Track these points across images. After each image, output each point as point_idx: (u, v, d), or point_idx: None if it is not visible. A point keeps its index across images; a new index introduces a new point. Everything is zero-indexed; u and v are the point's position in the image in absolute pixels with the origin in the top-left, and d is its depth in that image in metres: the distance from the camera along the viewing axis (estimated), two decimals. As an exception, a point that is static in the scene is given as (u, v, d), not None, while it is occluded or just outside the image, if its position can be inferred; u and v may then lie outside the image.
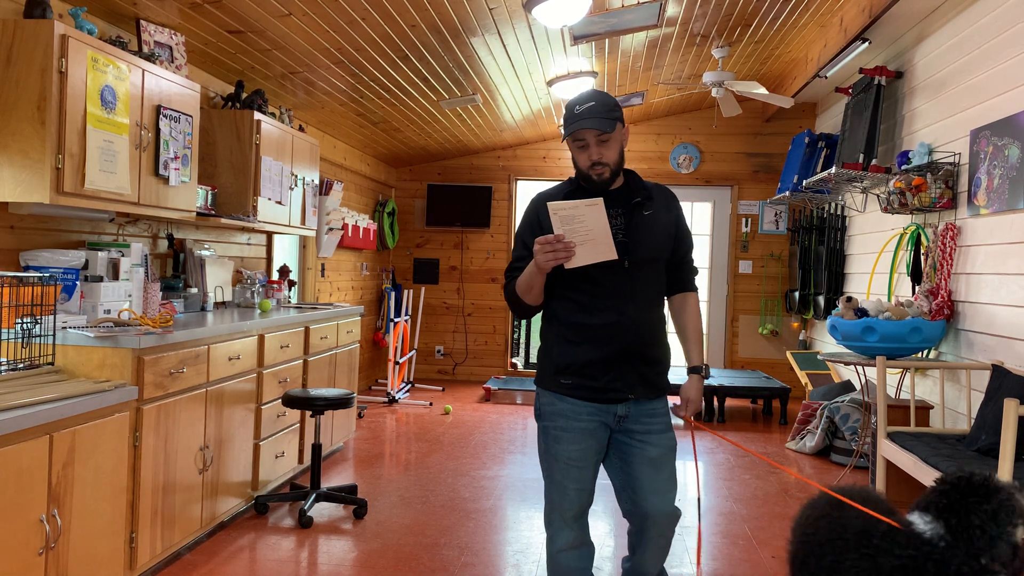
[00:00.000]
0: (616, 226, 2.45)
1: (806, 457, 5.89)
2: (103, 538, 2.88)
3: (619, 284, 2.44)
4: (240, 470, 4.06)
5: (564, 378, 2.48)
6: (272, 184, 4.99)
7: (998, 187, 4.48)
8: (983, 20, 4.79)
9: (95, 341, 3.06)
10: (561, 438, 2.48)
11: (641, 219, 2.49)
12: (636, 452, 2.50)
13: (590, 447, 2.49)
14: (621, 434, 2.52)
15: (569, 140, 2.46)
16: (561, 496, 2.50)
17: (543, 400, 2.54)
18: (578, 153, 2.45)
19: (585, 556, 2.56)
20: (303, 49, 4.70)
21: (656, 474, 2.49)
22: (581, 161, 2.46)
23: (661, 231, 2.52)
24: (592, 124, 2.37)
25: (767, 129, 8.77)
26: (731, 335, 8.86)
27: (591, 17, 5.03)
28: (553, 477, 2.51)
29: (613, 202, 2.49)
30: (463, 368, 9.24)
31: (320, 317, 5.09)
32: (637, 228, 2.47)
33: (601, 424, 2.49)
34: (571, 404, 2.48)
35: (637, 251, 2.46)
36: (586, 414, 2.47)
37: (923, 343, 4.78)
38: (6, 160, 3.05)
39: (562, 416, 2.49)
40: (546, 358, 2.54)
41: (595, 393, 2.47)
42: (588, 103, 2.41)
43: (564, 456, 2.48)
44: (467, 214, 9.06)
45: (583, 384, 2.47)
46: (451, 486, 4.85)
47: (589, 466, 2.50)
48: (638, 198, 2.50)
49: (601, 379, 2.46)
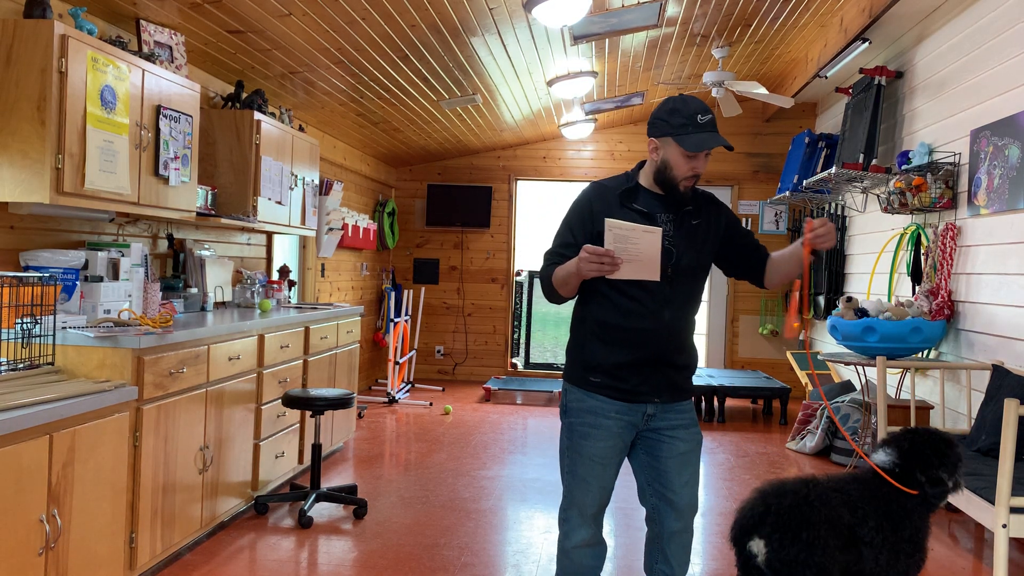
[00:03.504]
0: (664, 232, 2.44)
1: (806, 457, 5.89)
2: (103, 538, 2.88)
3: (658, 290, 2.44)
4: (240, 470, 4.06)
5: (593, 376, 2.50)
6: (272, 184, 4.99)
7: (998, 187, 4.48)
8: (983, 20, 4.79)
9: (95, 341, 3.06)
10: (589, 435, 2.49)
11: (690, 228, 2.49)
12: (665, 447, 2.52)
13: (615, 446, 2.50)
14: (649, 431, 2.54)
15: (677, 145, 2.39)
16: (583, 493, 2.51)
17: (571, 396, 2.55)
18: (682, 160, 2.40)
19: (599, 555, 2.58)
20: (303, 49, 4.70)
21: (684, 467, 2.52)
22: (682, 169, 2.41)
23: (707, 241, 2.52)
24: (722, 142, 2.35)
25: (767, 129, 8.77)
26: (731, 335, 8.86)
27: (591, 17, 5.03)
28: (576, 473, 2.51)
29: (667, 208, 2.48)
30: (463, 368, 9.24)
31: (320, 317, 5.09)
32: (684, 237, 2.47)
33: (628, 424, 2.51)
34: (600, 402, 2.49)
35: (681, 260, 2.46)
36: (614, 412, 2.49)
37: (923, 343, 4.78)
38: (6, 160, 3.05)
39: (590, 413, 2.50)
40: (577, 354, 2.55)
41: (623, 394, 2.48)
42: (709, 114, 2.38)
43: (589, 453, 2.49)
44: (467, 214, 9.06)
45: (611, 384, 2.48)
46: (451, 486, 4.85)
47: (612, 464, 2.52)
48: (689, 207, 2.49)
49: (630, 381, 2.47)
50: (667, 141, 2.42)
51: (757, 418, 7.48)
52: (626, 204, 2.46)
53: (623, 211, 2.45)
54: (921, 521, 2.47)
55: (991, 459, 3.66)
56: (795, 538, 2.29)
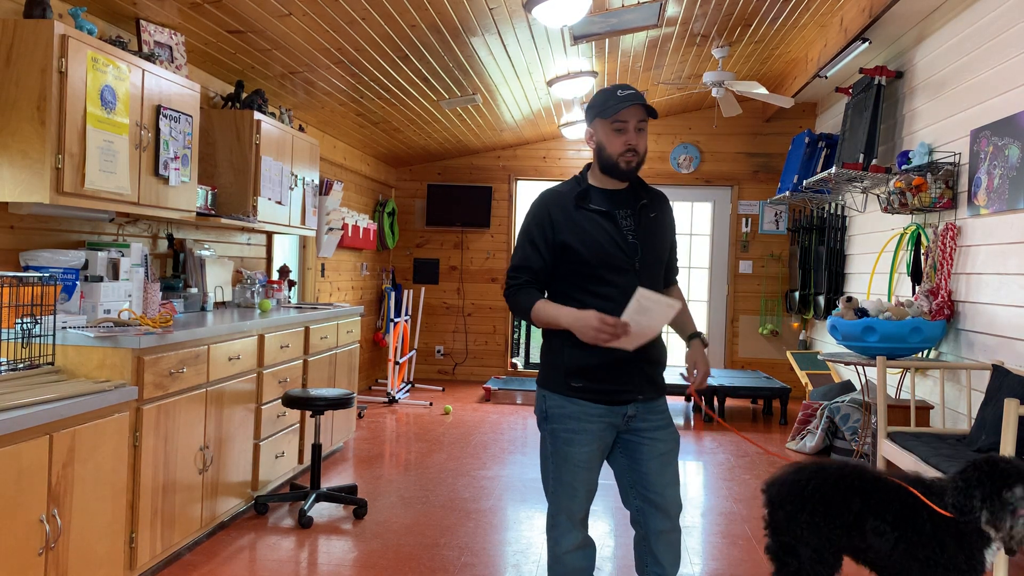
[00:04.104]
0: (626, 227, 2.46)
1: (806, 457, 5.89)
2: (103, 538, 2.88)
3: (629, 286, 2.43)
4: (240, 470, 4.06)
5: (575, 381, 2.47)
6: (272, 184, 4.99)
7: (998, 187, 4.48)
8: (983, 20, 4.79)
9: (95, 341, 3.06)
10: (573, 440, 2.47)
11: (648, 221, 2.51)
12: (646, 449, 2.51)
13: (599, 448, 2.50)
14: (628, 433, 2.53)
15: (604, 124, 2.43)
16: (571, 498, 2.50)
17: (551, 402, 2.52)
18: (613, 137, 2.42)
19: (590, 556, 2.58)
20: (303, 49, 4.70)
21: (666, 468, 2.52)
22: (615, 146, 2.42)
23: (664, 234, 2.56)
24: (639, 103, 2.37)
25: (767, 129, 8.77)
26: (731, 335, 8.86)
27: (591, 17, 5.03)
28: (562, 479, 2.50)
29: (622, 203, 2.50)
30: (463, 368, 9.24)
31: (320, 317, 5.09)
32: (645, 230, 2.49)
33: (609, 425, 2.50)
34: (581, 406, 2.48)
35: (647, 253, 2.48)
36: (597, 416, 2.48)
37: (923, 343, 4.78)
38: (6, 160, 3.05)
39: (573, 418, 2.48)
40: (554, 360, 2.52)
41: (606, 396, 2.47)
42: (629, 90, 2.41)
43: (575, 458, 2.48)
44: (467, 214, 9.06)
45: (594, 387, 2.47)
46: (451, 486, 4.85)
47: (597, 467, 2.52)
48: (644, 200, 2.51)
49: (610, 382, 2.46)
50: (596, 123, 2.46)
51: (757, 418, 7.48)
52: (582, 206, 2.46)
53: (579, 213, 2.45)
54: (957, 545, 2.37)
55: (991, 459, 3.66)
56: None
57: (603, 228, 2.44)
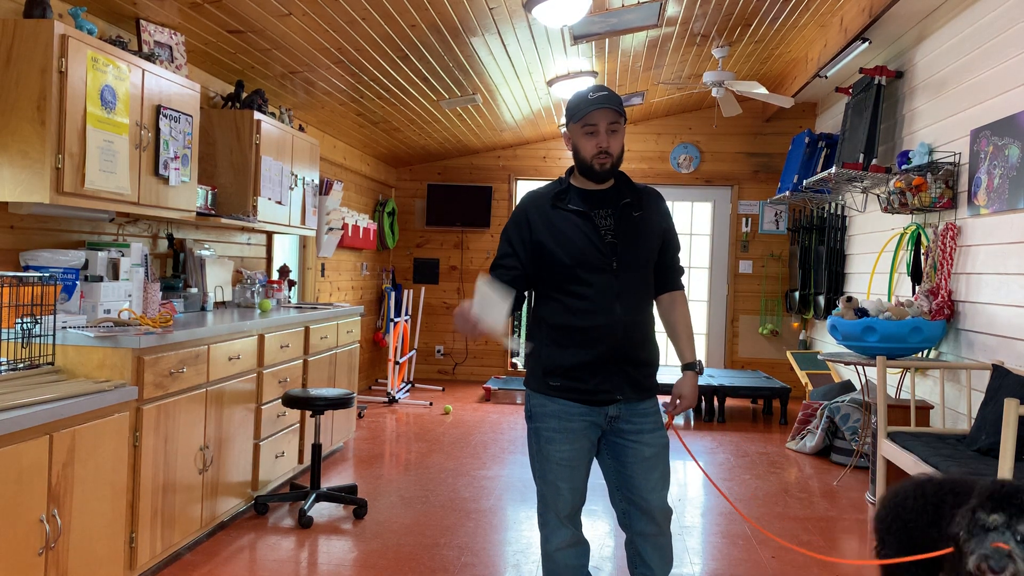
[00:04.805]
0: (605, 227, 2.46)
1: (806, 457, 5.89)
2: (103, 538, 2.88)
3: (607, 286, 2.43)
4: (240, 470, 4.06)
5: (552, 380, 2.48)
6: (272, 184, 4.99)
7: (998, 187, 4.48)
8: (983, 20, 4.79)
9: (95, 341, 3.06)
10: (553, 439, 2.48)
11: (631, 221, 2.49)
12: (630, 452, 2.50)
13: (582, 447, 2.49)
14: (613, 434, 2.52)
15: (576, 127, 2.44)
16: (555, 496, 2.50)
17: (534, 402, 2.54)
18: (584, 140, 2.44)
19: (582, 553, 2.57)
20: (303, 49, 4.70)
21: (651, 472, 2.50)
22: (587, 149, 2.44)
23: (650, 234, 2.52)
24: (608, 106, 2.39)
25: (767, 129, 8.77)
26: (731, 335, 8.86)
27: (591, 17, 5.03)
28: (546, 478, 2.51)
29: (603, 203, 2.49)
30: (463, 368, 9.24)
31: (320, 317, 5.09)
32: (626, 230, 2.47)
33: (592, 424, 2.50)
34: (563, 405, 2.48)
35: (626, 253, 2.46)
36: (577, 415, 2.48)
37: (923, 343, 4.78)
38: (6, 160, 3.05)
39: (554, 417, 2.49)
40: (535, 360, 2.54)
41: (584, 395, 2.47)
42: (600, 92, 2.42)
43: (556, 457, 2.48)
44: (467, 214, 9.06)
45: (571, 386, 2.47)
46: (451, 486, 4.85)
47: (581, 466, 2.51)
48: (628, 199, 2.50)
49: (589, 381, 2.46)
50: (570, 127, 2.47)
51: (757, 418, 7.48)
52: (558, 206, 2.48)
53: (556, 213, 2.46)
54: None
55: (991, 459, 3.66)
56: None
57: (579, 228, 2.44)
